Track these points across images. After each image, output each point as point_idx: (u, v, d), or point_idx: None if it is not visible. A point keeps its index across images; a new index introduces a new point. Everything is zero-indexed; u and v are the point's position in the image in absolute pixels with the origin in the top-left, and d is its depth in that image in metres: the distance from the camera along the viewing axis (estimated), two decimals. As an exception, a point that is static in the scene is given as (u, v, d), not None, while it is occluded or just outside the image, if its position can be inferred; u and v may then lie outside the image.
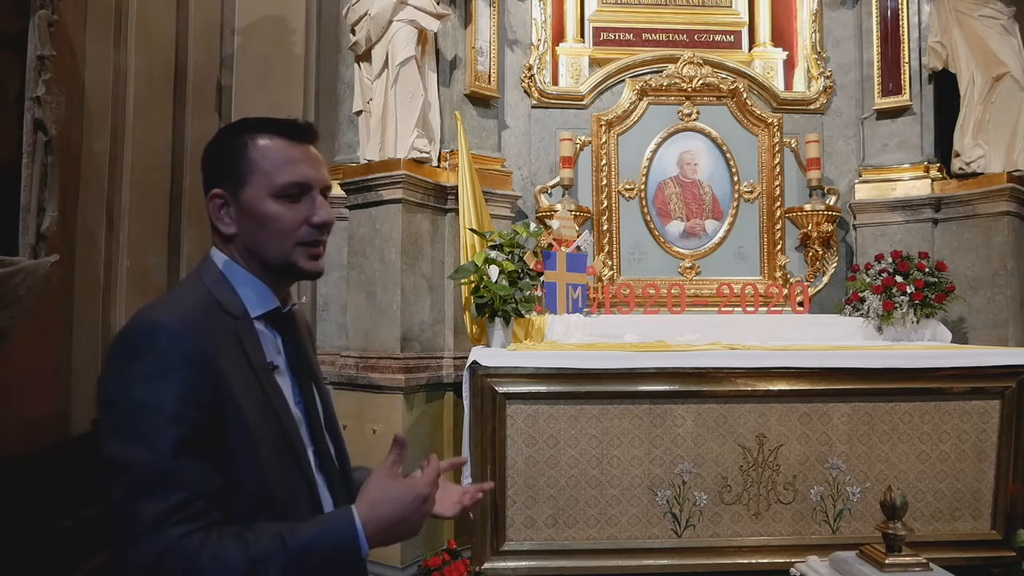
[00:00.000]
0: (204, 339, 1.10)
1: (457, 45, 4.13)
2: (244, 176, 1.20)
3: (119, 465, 1.03)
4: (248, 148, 1.21)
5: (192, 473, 1.03)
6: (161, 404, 1.03)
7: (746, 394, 3.18)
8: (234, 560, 1.01)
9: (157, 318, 1.11)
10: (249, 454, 1.10)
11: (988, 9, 4.16)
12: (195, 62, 4.63)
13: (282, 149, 1.21)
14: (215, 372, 1.09)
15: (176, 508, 1.01)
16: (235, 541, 1.03)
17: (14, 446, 2.95)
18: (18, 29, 2.94)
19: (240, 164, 1.20)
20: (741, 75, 4.57)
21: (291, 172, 1.20)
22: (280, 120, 1.25)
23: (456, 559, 3.37)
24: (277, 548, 1.04)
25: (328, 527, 1.10)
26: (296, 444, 1.19)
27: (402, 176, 3.64)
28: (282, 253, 1.21)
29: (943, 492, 3.24)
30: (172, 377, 1.05)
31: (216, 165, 1.24)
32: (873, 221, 4.44)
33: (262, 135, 1.21)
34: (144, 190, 4.18)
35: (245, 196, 1.20)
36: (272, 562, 1.03)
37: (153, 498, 1.00)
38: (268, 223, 1.20)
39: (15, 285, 2.84)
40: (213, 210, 1.22)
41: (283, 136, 1.22)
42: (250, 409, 1.12)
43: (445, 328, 3.92)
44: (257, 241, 1.21)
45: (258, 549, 1.03)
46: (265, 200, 1.20)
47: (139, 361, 1.06)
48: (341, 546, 1.09)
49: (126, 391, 1.05)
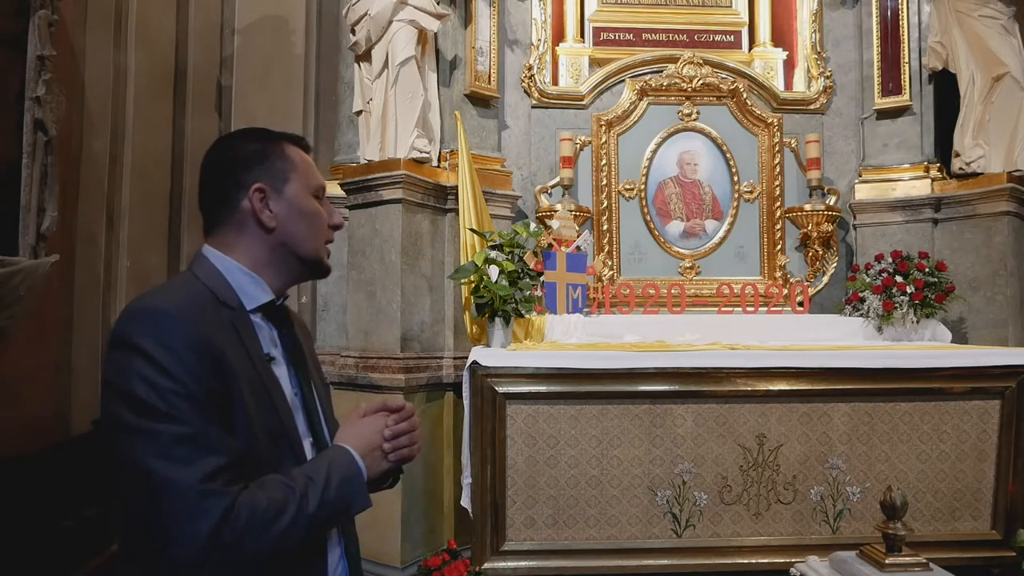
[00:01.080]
0: (203, 325, 1.12)
1: (457, 45, 4.13)
2: (288, 174, 1.30)
3: (148, 443, 1.03)
4: (286, 150, 1.31)
5: (221, 439, 1.08)
6: (175, 383, 1.06)
7: (746, 394, 3.18)
8: (285, 497, 1.11)
9: (152, 305, 1.12)
10: (247, 438, 1.12)
11: (988, 9, 4.16)
12: (195, 62, 4.63)
13: (305, 157, 1.35)
14: (217, 358, 1.11)
15: (220, 470, 1.05)
16: (279, 485, 1.12)
17: (14, 446, 2.95)
18: (18, 29, 2.94)
19: (280, 163, 1.30)
20: (741, 75, 4.57)
21: (319, 177, 1.36)
22: (292, 134, 1.37)
23: (456, 559, 3.37)
24: (308, 483, 1.15)
25: (331, 460, 1.22)
26: (292, 434, 1.22)
27: (402, 176, 3.64)
28: (315, 248, 1.32)
29: (943, 492, 3.24)
30: (177, 358, 1.06)
31: (252, 163, 1.28)
32: (873, 221, 4.44)
33: (287, 143, 1.33)
34: (144, 190, 4.19)
35: (290, 191, 1.29)
36: (309, 495, 1.14)
37: (194, 465, 1.04)
38: (311, 217, 1.31)
39: (15, 285, 2.84)
40: (256, 202, 1.26)
41: (300, 147, 1.36)
42: (250, 397, 1.15)
43: (445, 328, 3.92)
44: (299, 235, 1.30)
45: (298, 486, 1.14)
46: (309, 197, 1.31)
47: (140, 348, 1.07)
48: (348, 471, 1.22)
49: (134, 378, 1.05)
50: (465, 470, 3.20)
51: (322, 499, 1.15)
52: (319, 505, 1.14)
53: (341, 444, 1.26)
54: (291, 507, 1.10)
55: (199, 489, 1.02)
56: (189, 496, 1.02)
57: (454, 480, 3.69)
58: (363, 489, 1.24)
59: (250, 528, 1.05)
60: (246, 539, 1.05)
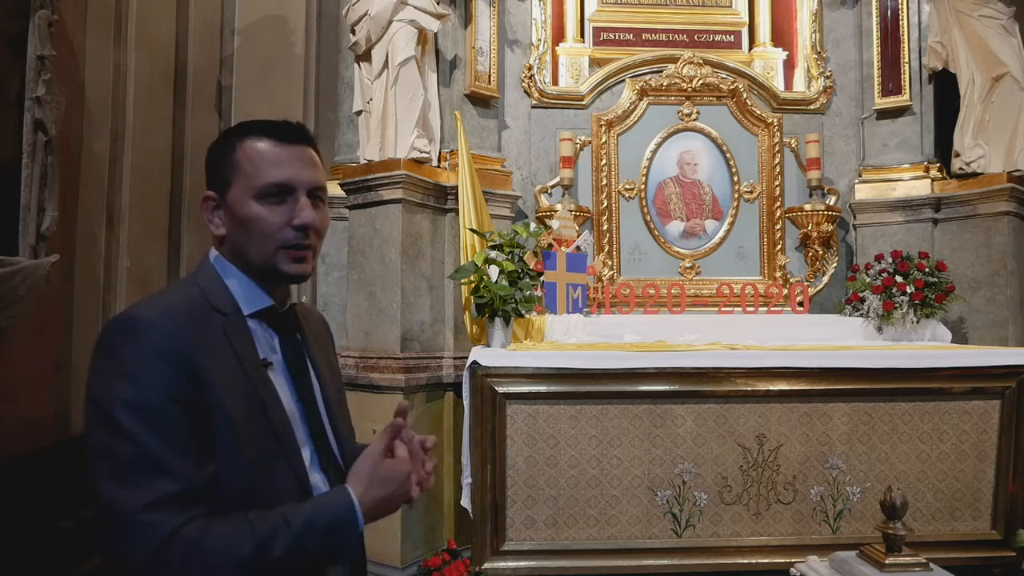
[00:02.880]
0: (182, 335, 1.10)
1: (457, 45, 4.13)
2: (229, 178, 1.21)
3: (105, 460, 1.04)
4: (235, 151, 1.22)
5: (180, 464, 1.04)
6: (143, 400, 1.05)
7: (746, 394, 3.18)
8: (241, 541, 1.04)
9: (135, 315, 1.12)
10: (231, 450, 1.10)
11: (988, 9, 4.16)
12: (195, 62, 4.63)
13: (267, 151, 1.21)
14: (194, 368, 1.09)
15: (169, 498, 1.02)
16: (239, 523, 1.05)
17: (14, 446, 2.95)
18: (18, 29, 2.94)
19: (227, 166, 1.22)
20: (741, 75, 4.57)
21: (272, 173, 1.20)
22: (270, 122, 1.24)
23: (456, 559, 3.37)
24: (280, 525, 1.06)
25: (327, 503, 1.15)
26: (287, 442, 1.19)
27: (402, 176, 3.64)
28: (264, 256, 1.21)
29: (943, 492, 3.24)
30: (151, 373, 1.06)
31: (210, 168, 1.26)
32: (873, 221, 4.44)
33: (251, 138, 1.22)
34: (144, 190, 4.18)
35: (230, 198, 1.21)
36: (278, 538, 1.05)
37: (143, 489, 1.01)
38: (250, 225, 1.20)
39: (15, 285, 2.84)
40: (205, 212, 1.25)
41: (271, 137, 1.22)
42: (235, 405, 1.12)
43: (445, 328, 3.92)
44: (242, 243, 1.22)
45: (263, 528, 1.05)
46: (247, 201, 1.20)
47: (117, 359, 1.07)
48: (340, 519, 1.12)
49: (107, 389, 1.06)
50: (465, 470, 3.19)
51: (295, 544, 1.06)
52: (289, 550, 1.05)
53: (345, 486, 1.17)
54: (245, 549, 1.03)
55: (140, 516, 1.00)
56: (130, 520, 1.01)
57: (454, 480, 3.69)
58: (354, 538, 1.14)
59: (183, 565, 1.00)
60: (182, 573, 1.01)
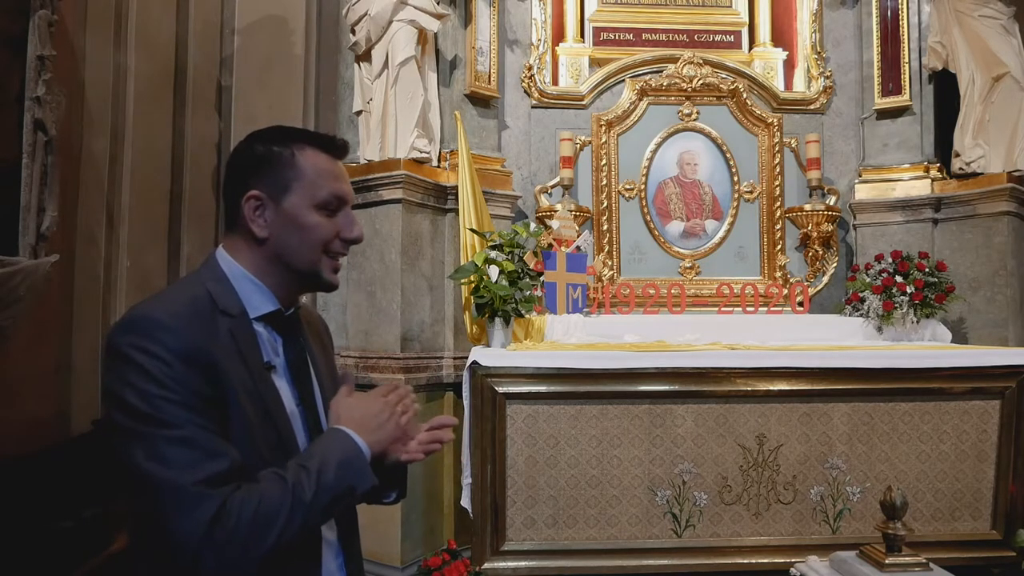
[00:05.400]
0: (196, 336, 1.12)
1: (457, 45, 4.13)
2: (289, 183, 1.24)
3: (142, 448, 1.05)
4: (296, 157, 1.25)
5: (216, 442, 1.08)
6: (164, 392, 1.06)
7: (746, 394, 3.18)
8: (279, 492, 1.09)
9: (149, 314, 1.12)
10: (244, 447, 1.12)
11: (988, 9, 4.16)
12: (195, 62, 4.63)
13: (326, 163, 1.27)
14: (211, 367, 1.11)
15: (217, 475, 1.05)
16: (271, 480, 1.10)
17: (14, 446, 2.95)
18: (18, 29, 2.93)
19: (286, 171, 1.24)
20: (741, 75, 4.57)
21: (334, 186, 1.26)
22: (322, 135, 1.31)
23: (456, 559, 3.37)
24: (301, 470, 1.12)
25: (322, 442, 1.20)
26: (290, 445, 1.21)
27: (402, 176, 3.64)
28: (310, 262, 1.26)
29: (943, 492, 3.24)
30: (168, 371, 1.07)
31: (256, 168, 1.25)
32: (873, 221, 4.44)
33: (311, 147, 1.27)
34: (144, 190, 4.18)
35: (288, 203, 1.24)
36: (303, 481, 1.11)
37: (192, 470, 1.04)
38: (307, 232, 1.24)
39: (15, 285, 2.84)
40: (248, 211, 1.24)
41: (327, 151, 1.28)
42: (246, 406, 1.14)
43: (445, 328, 3.92)
44: (289, 247, 1.25)
45: (291, 477, 1.11)
46: (308, 209, 1.24)
47: (133, 359, 1.08)
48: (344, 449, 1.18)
49: (127, 389, 1.07)
50: (465, 470, 3.20)
51: (319, 485, 1.12)
52: (316, 492, 1.11)
53: (335, 426, 1.22)
54: (285, 500, 1.08)
55: (192, 490, 1.03)
56: (182, 497, 1.03)
57: (454, 480, 3.69)
58: (364, 467, 1.18)
59: (242, 526, 1.04)
60: (239, 537, 1.04)
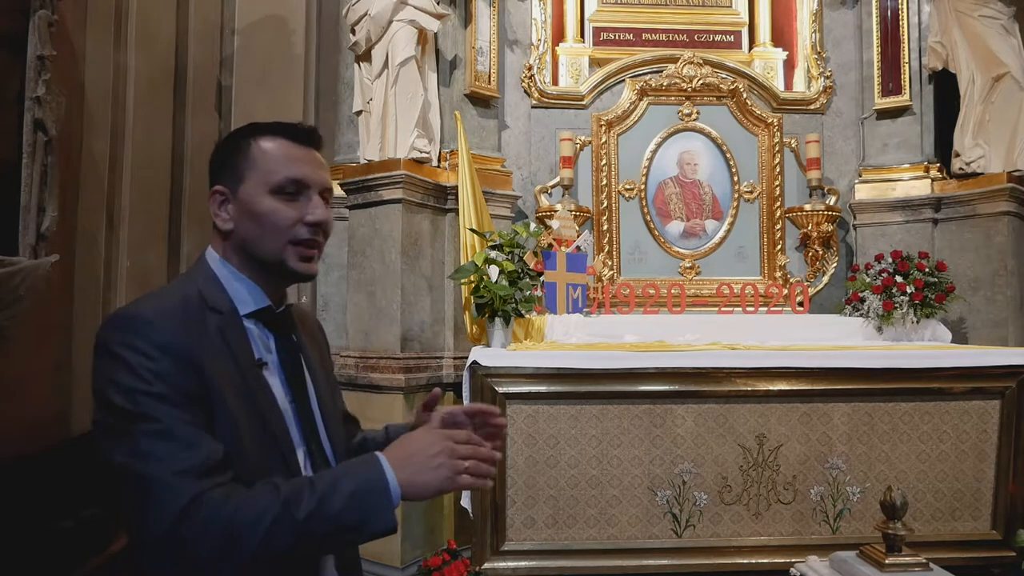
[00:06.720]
0: (182, 332, 1.12)
1: (457, 45, 4.13)
2: (244, 173, 1.24)
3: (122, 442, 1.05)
4: (251, 147, 1.24)
5: (196, 435, 1.06)
6: (147, 387, 1.06)
7: (746, 394, 3.18)
8: (266, 501, 1.03)
9: (135, 311, 1.13)
10: (231, 446, 1.11)
11: (988, 9, 4.16)
12: (195, 62, 4.63)
13: (283, 148, 1.25)
14: (195, 364, 1.10)
15: (192, 467, 1.03)
16: (263, 486, 1.06)
17: (14, 446, 2.95)
18: (18, 29, 2.93)
19: (241, 162, 1.24)
20: (741, 75, 4.57)
21: (289, 169, 1.23)
22: (285, 123, 1.28)
23: (456, 559, 3.37)
24: (305, 487, 1.06)
25: (353, 465, 1.12)
26: (282, 442, 1.20)
27: (402, 176, 3.64)
28: (275, 250, 1.23)
29: (943, 492, 3.24)
30: (152, 367, 1.07)
31: (220, 164, 1.27)
32: (873, 221, 4.44)
33: (266, 136, 1.26)
34: (144, 190, 4.18)
35: (243, 192, 1.23)
36: (303, 499, 1.04)
37: (164, 460, 1.03)
38: (263, 218, 1.22)
39: (15, 285, 2.84)
40: (213, 206, 1.26)
41: (286, 137, 1.26)
42: (234, 403, 1.13)
43: (445, 328, 3.92)
44: (252, 237, 1.23)
45: (288, 489, 1.05)
46: (262, 196, 1.22)
47: (118, 356, 1.08)
48: (369, 482, 1.08)
49: (113, 385, 1.07)
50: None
51: (320, 509, 1.03)
52: (314, 514, 1.03)
53: (375, 452, 1.12)
54: (270, 511, 1.02)
55: (162, 479, 1.02)
56: (151, 486, 1.02)
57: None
58: (385, 505, 1.07)
59: (213, 526, 1.01)
60: (207, 537, 1.00)
